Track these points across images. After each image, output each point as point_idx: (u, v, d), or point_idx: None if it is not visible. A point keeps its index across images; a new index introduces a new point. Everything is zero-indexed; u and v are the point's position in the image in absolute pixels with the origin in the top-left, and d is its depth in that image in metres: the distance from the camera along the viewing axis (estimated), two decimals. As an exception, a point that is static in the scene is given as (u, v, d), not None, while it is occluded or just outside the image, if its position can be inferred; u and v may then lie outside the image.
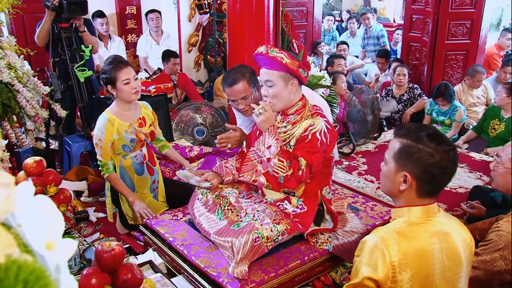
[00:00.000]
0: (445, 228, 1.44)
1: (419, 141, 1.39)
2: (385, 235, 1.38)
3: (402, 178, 1.42)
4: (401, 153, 1.42)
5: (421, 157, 1.38)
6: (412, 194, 1.43)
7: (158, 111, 3.62)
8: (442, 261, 1.40)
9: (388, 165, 1.48)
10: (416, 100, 5.05)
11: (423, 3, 5.45)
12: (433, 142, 1.38)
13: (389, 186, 1.49)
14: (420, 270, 1.36)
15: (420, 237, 1.39)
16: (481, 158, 4.09)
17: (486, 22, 5.30)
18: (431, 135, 1.41)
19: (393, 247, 1.34)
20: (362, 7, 9.76)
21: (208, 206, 2.32)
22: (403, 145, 1.42)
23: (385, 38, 7.08)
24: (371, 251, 1.36)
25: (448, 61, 5.35)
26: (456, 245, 1.43)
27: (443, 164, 1.37)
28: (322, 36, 7.03)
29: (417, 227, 1.41)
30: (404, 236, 1.38)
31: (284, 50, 2.18)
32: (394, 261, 1.33)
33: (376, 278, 1.34)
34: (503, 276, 1.77)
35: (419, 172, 1.39)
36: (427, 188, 1.41)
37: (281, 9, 3.67)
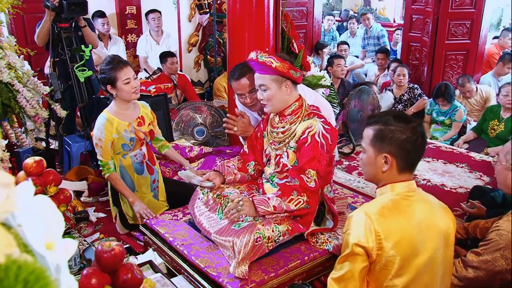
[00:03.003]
0: (426, 201, 1.58)
1: (389, 124, 1.55)
2: (370, 209, 1.51)
3: (383, 160, 1.56)
4: (376, 138, 1.57)
5: (395, 136, 1.53)
6: (393, 172, 1.56)
7: (158, 111, 3.63)
8: (423, 231, 1.50)
9: (367, 152, 1.61)
10: (416, 100, 5.05)
11: (423, 3, 5.45)
12: (401, 121, 1.55)
13: (372, 172, 1.61)
14: (403, 239, 1.47)
15: (403, 209, 1.52)
16: (481, 158, 4.08)
17: (486, 22, 5.30)
18: (397, 116, 1.58)
19: (377, 218, 1.46)
20: (362, 7, 9.76)
21: (209, 205, 2.32)
22: (376, 131, 1.57)
23: (385, 38, 7.08)
24: (358, 224, 1.48)
25: (448, 61, 5.34)
26: (436, 215, 1.56)
27: (414, 138, 1.54)
28: (322, 36, 7.02)
29: (400, 200, 1.54)
30: (388, 208, 1.50)
31: (274, 54, 2.20)
32: (379, 230, 1.45)
33: (364, 245, 1.44)
34: (504, 276, 1.76)
35: (396, 150, 1.54)
36: (405, 162, 1.56)
37: (281, 9, 3.67)
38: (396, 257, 1.45)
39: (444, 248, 1.55)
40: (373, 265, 1.47)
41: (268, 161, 2.40)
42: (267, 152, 2.38)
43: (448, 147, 4.39)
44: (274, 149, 2.31)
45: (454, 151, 4.28)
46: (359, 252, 1.45)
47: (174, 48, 5.48)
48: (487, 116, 4.29)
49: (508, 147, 2.01)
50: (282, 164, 2.27)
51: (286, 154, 2.25)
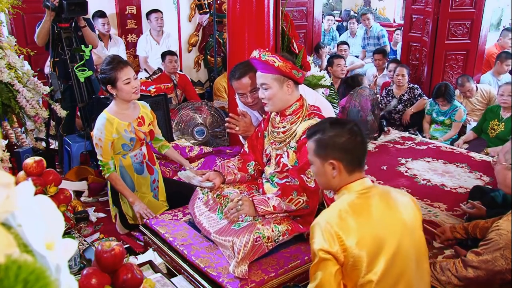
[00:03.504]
0: (382, 193, 1.62)
1: (327, 131, 1.62)
2: (328, 214, 1.55)
3: (330, 166, 1.61)
4: (318, 148, 1.63)
5: (334, 141, 1.60)
6: (343, 175, 1.61)
7: (158, 111, 3.63)
8: (384, 223, 1.53)
9: (314, 164, 1.67)
10: (416, 100, 5.05)
11: (423, 3, 5.45)
12: (336, 127, 1.63)
13: (325, 180, 1.66)
14: (364, 235, 1.49)
15: (360, 207, 1.56)
16: (481, 158, 4.08)
17: (486, 22, 5.30)
18: (332, 122, 1.67)
19: (336, 221, 1.50)
20: (362, 7, 9.76)
21: (209, 205, 2.32)
22: (317, 141, 1.64)
23: (385, 38, 7.08)
24: (319, 231, 1.50)
25: (448, 61, 5.34)
26: (394, 205, 1.59)
27: (352, 139, 1.60)
28: (322, 36, 7.03)
29: (356, 199, 1.58)
30: (345, 210, 1.53)
31: (276, 54, 2.20)
32: (339, 232, 1.47)
33: (328, 250, 1.47)
34: (504, 275, 1.76)
35: (339, 154, 1.60)
36: (352, 163, 1.61)
37: (281, 9, 3.67)
38: (362, 254, 1.47)
39: (409, 234, 1.57)
40: (344, 267, 1.49)
41: (268, 161, 2.40)
42: (267, 152, 2.38)
43: (448, 147, 4.39)
44: (275, 149, 2.31)
45: (454, 151, 4.28)
46: (327, 257, 1.47)
47: (174, 48, 5.48)
48: (487, 116, 4.29)
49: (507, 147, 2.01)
50: (282, 164, 2.27)
51: (286, 154, 2.25)
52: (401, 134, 4.80)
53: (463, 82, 4.76)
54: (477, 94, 4.87)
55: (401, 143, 4.54)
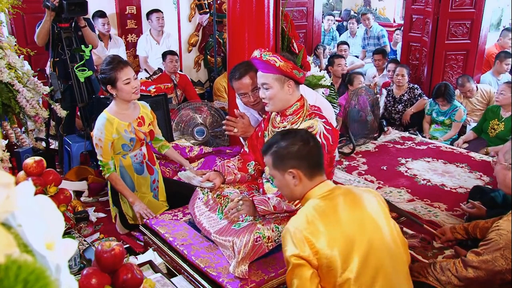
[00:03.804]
0: (346, 192, 1.66)
1: (279, 143, 1.69)
2: (296, 221, 1.57)
3: (291, 176, 1.66)
4: (276, 161, 1.69)
5: (289, 151, 1.66)
6: (305, 181, 1.66)
7: (158, 111, 3.63)
8: (352, 221, 1.56)
9: (276, 177, 1.73)
10: (416, 100, 5.05)
11: (423, 3, 5.45)
12: (288, 137, 1.70)
13: (288, 191, 1.71)
14: (334, 235, 1.52)
15: (326, 208, 1.59)
16: (481, 158, 4.09)
17: (486, 22, 5.30)
18: (283, 134, 1.75)
19: (305, 226, 1.53)
20: (362, 7, 9.76)
21: (209, 205, 2.32)
22: (273, 154, 1.69)
23: (385, 38, 7.08)
24: (289, 238, 1.53)
25: (448, 61, 5.34)
26: (359, 202, 1.63)
27: (306, 145, 1.67)
28: (322, 36, 7.03)
29: (321, 203, 1.61)
30: (312, 214, 1.56)
31: (278, 53, 2.20)
32: (309, 236, 1.50)
33: (300, 255, 1.48)
34: (504, 275, 1.76)
35: (296, 162, 1.65)
36: (309, 168, 1.66)
37: (281, 9, 3.67)
38: (335, 254, 1.49)
39: (379, 229, 1.59)
40: (319, 270, 1.50)
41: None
42: None
43: (448, 147, 4.39)
44: None
45: (454, 151, 4.28)
46: (300, 263, 1.49)
47: (174, 48, 5.48)
48: (487, 116, 4.30)
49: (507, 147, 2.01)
50: None
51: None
52: (401, 134, 4.80)
53: (463, 82, 4.76)
54: (477, 94, 4.87)
55: (401, 143, 4.54)
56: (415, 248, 2.66)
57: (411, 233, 2.79)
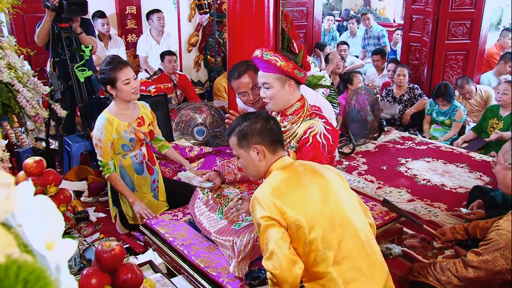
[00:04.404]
0: (304, 164, 1.77)
1: (240, 124, 1.80)
2: (261, 190, 1.66)
3: (255, 152, 1.75)
4: (240, 140, 1.78)
5: (252, 129, 1.76)
6: (268, 156, 1.76)
7: (158, 111, 3.63)
8: (313, 185, 1.65)
9: (241, 156, 1.81)
10: (416, 101, 5.05)
11: (423, 3, 5.45)
12: (248, 117, 1.82)
13: (253, 169, 1.80)
14: (299, 198, 1.61)
15: (288, 176, 1.69)
16: (481, 158, 4.09)
17: (486, 22, 5.30)
18: (243, 116, 1.87)
19: (267, 191, 1.62)
20: (362, 7, 9.76)
21: (209, 205, 2.32)
22: (237, 134, 1.79)
23: (385, 38, 7.08)
24: (256, 205, 1.61)
25: (448, 61, 5.34)
26: (318, 171, 1.73)
27: (267, 122, 1.78)
28: (322, 36, 7.02)
29: (283, 171, 1.72)
30: (276, 182, 1.66)
31: (279, 53, 2.20)
32: (274, 200, 1.58)
33: (269, 216, 1.56)
34: (504, 275, 1.76)
35: (259, 137, 1.76)
36: (272, 143, 1.77)
37: (281, 9, 3.67)
38: (301, 215, 1.57)
39: (340, 191, 1.69)
40: (289, 230, 1.58)
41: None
42: None
43: (448, 147, 4.39)
44: None
45: (454, 151, 4.28)
46: (270, 223, 1.56)
47: (174, 48, 5.48)
48: (487, 115, 4.30)
49: (506, 147, 2.01)
50: None
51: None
52: (401, 134, 4.80)
53: (462, 84, 4.76)
54: (476, 96, 4.86)
55: (401, 143, 4.54)
56: (415, 248, 2.66)
57: (411, 233, 2.79)
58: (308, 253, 1.57)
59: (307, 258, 1.58)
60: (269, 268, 1.55)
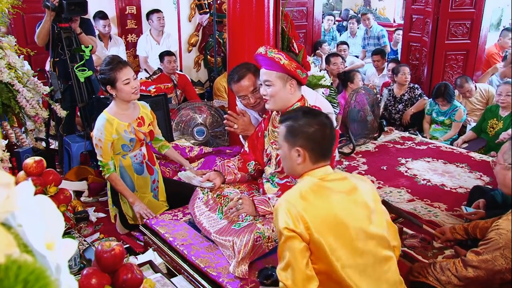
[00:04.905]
0: (344, 179, 1.68)
1: (298, 119, 1.68)
2: (289, 195, 1.59)
3: (296, 153, 1.66)
4: (287, 134, 1.69)
5: (303, 130, 1.66)
6: (307, 163, 1.67)
7: (158, 111, 3.63)
8: (346, 206, 1.59)
9: (282, 148, 1.72)
10: (416, 100, 5.05)
11: (423, 3, 5.45)
12: (308, 116, 1.68)
13: (289, 165, 1.72)
14: (327, 216, 1.55)
15: (322, 190, 1.61)
16: (481, 158, 4.09)
17: (486, 22, 5.30)
18: (305, 111, 1.73)
19: (298, 201, 1.55)
20: (362, 7, 9.76)
21: (209, 205, 2.32)
22: (287, 127, 1.69)
23: (385, 39, 7.08)
24: (282, 212, 1.54)
25: (448, 61, 5.34)
26: (358, 191, 1.64)
27: (321, 130, 1.66)
28: (322, 36, 7.02)
29: (318, 182, 1.63)
30: (306, 192, 1.59)
31: (283, 52, 2.20)
32: (302, 213, 1.51)
33: (293, 229, 1.50)
34: (504, 275, 1.76)
35: (306, 142, 1.65)
36: (317, 153, 1.67)
37: (281, 9, 3.67)
38: (325, 233, 1.52)
39: (370, 214, 1.62)
40: (310, 245, 1.53)
41: (268, 161, 2.40)
42: (268, 151, 2.38)
43: (448, 147, 4.39)
44: (275, 149, 2.31)
45: (454, 151, 4.28)
46: (292, 235, 1.51)
47: (174, 48, 5.48)
48: (486, 116, 4.30)
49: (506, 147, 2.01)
50: None
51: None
52: (401, 134, 4.80)
53: (462, 83, 4.76)
54: (476, 94, 4.87)
55: (401, 143, 4.54)
56: (415, 248, 2.66)
57: (411, 233, 2.79)
58: (326, 271, 1.53)
59: (324, 276, 1.54)
60: (282, 279, 1.52)
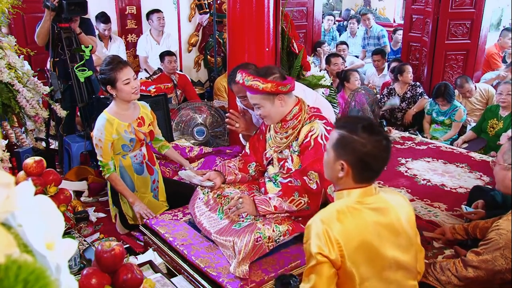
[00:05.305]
0: (383, 204, 1.56)
1: (354, 132, 1.50)
2: (326, 216, 1.49)
3: (339, 166, 1.53)
4: (338, 143, 1.54)
5: (355, 147, 1.49)
6: (349, 180, 1.54)
7: (158, 111, 3.63)
8: (383, 233, 1.51)
9: (328, 154, 1.59)
10: (418, 98, 5.04)
11: (423, 3, 5.45)
12: (366, 132, 1.49)
13: (329, 173, 1.60)
14: (362, 243, 1.47)
15: (358, 213, 1.51)
16: (481, 158, 4.08)
17: (486, 22, 5.30)
18: (365, 126, 1.51)
19: (335, 225, 1.45)
20: (362, 7, 9.76)
21: (209, 205, 2.32)
22: (340, 136, 1.54)
23: (385, 39, 7.08)
24: (317, 234, 1.46)
25: (448, 61, 5.34)
26: (395, 216, 1.55)
27: (375, 152, 1.49)
28: (322, 36, 7.02)
29: (356, 205, 1.52)
30: (343, 213, 1.49)
31: (257, 76, 2.13)
32: (338, 238, 1.44)
33: (326, 255, 1.43)
34: (504, 275, 1.76)
35: (354, 160, 1.50)
36: (363, 174, 1.53)
37: (281, 9, 3.67)
38: (358, 261, 1.46)
39: (404, 244, 1.56)
40: (340, 271, 1.47)
41: (268, 163, 2.40)
42: (267, 155, 2.38)
43: (448, 147, 4.39)
44: (277, 154, 2.32)
45: (454, 151, 4.28)
46: (323, 261, 1.44)
47: (174, 48, 5.48)
48: (486, 116, 4.30)
49: (505, 148, 2.01)
50: (286, 168, 2.28)
51: (290, 159, 2.26)
52: (401, 134, 4.80)
53: (462, 83, 4.76)
54: (476, 94, 4.87)
55: (401, 143, 4.54)
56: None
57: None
58: None
59: None
60: None
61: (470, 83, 4.78)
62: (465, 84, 4.74)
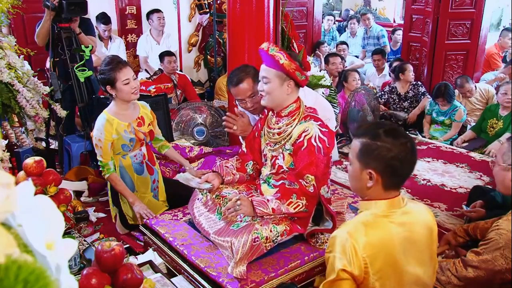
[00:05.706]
0: (410, 218, 1.52)
1: (377, 138, 1.46)
2: (353, 228, 1.45)
3: (368, 175, 1.48)
4: (362, 152, 1.49)
5: (381, 153, 1.45)
6: (378, 188, 1.49)
7: (158, 111, 3.63)
8: (408, 249, 1.48)
9: (353, 165, 1.54)
10: (420, 98, 5.03)
11: (423, 3, 5.45)
12: (389, 137, 1.45)
13: (357, 185, 1.55)
14: (387, 259, 1.44)
15: (386, 228, 1.47)
16: (481, 158, 4.08)
17: (486, 22, 5.30)
18: (387, 130, 1.48)
19: (361, 240, 1.41)
20: (362, 7, 9.76)
21: (208, 206, 2.32)
22: (363, 144, 1.49)
23: (385, 39, 7.08)
24: (342, 247, 1.42)
25: (448, 61, 5.34)
26: (421, 232, 1.52)
27: (401, 156, 1.45)
28: (322, 36, 7.02)
29: (382, 218, 1.48)
30: (370, 227, 1.45)
31: (285, 51, 2.18)
32: (364, 254, 1.40)
33: (350, 271, 1.40)
34: (504, 275, 1.76)
35: (382, 167, 1.46)
36: (392, 180, 1.49)
37: (281, 9, 3.67)
38: (380, 281, 1.44)
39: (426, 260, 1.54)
40: (360, 286, 1.45)
41: (266, 161, 2.39)
42: (264, 152, 2.38)
43: (448, 147, 4.39)
44: (270, 150, 2.31)
45: (454, 151, 4.28)
46: (346, 277, 1.41)
47: (174, 48, 5.48)
48: (486, 115, 4.30)
49: (505, 148, 2.00)
50: (277, 165, 2.26)
51: (282, 156, 2.25)
52: (401, 134, 4.78)
53: (462, 83, 4.76)
54: (476, 94, 4.86)
55: (401, 143, 4.53)
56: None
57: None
58: None
59: None
60: None
61: (470, 83, 4.78)
62: (465, 84, 4.74)
